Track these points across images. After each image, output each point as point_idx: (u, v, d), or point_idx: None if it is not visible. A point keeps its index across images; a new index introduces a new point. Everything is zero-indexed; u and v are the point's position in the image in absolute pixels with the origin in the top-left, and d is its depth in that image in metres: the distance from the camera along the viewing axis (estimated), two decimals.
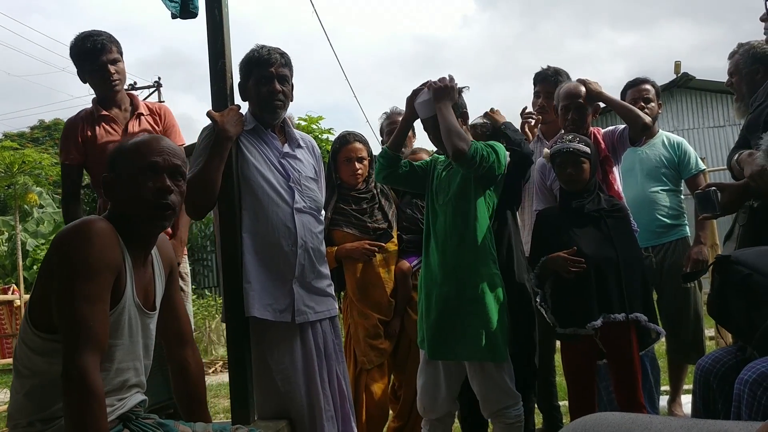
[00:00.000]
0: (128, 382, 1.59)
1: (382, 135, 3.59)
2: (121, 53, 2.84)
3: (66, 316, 1.42)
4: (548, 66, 3.35)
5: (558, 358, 3.71)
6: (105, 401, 1.41)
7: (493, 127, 2.73)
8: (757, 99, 2.32)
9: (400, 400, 3.06)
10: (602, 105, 3.03)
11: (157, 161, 1.60)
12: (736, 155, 2.17)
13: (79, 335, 1.39)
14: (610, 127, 3.10)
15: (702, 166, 3.58)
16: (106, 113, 2.85)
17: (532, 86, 3.42)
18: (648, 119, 2.83)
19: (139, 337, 1.61)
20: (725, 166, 2.53)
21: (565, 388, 4.46)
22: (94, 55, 2.75)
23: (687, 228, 3.51)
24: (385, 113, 3.56)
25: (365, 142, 3.15)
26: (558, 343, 2.75)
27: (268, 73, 2.37)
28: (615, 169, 2.99)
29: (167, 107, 3.06)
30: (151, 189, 1.58)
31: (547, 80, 3.30)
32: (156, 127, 2.92)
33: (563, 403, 4.04)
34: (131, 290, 1.57)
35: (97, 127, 2.83)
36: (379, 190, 3.12)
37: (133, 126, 2.87)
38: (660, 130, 3.64)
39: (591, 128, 3.08)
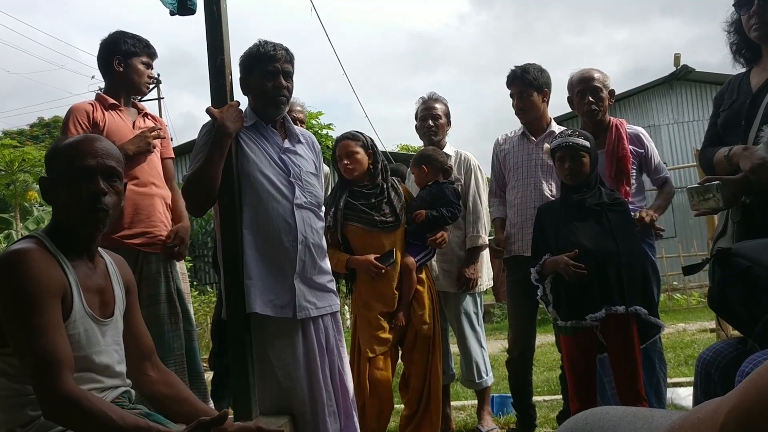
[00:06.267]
0: (104, 386, 1.57)
1: (416, 119, 3.69)
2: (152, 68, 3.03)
3: (24, 352, 1.40)
4: (515, 66, 3.34)
5: (537, 354, 3.74)
6: (97, 399, 1.41)
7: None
8: (725, 96, 2.31)
9: (410, 389, 3.12)
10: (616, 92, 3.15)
11: (90, 164, 1.56)
12: (725, 150, 2.15)
13: (44, 365, 1.37)
14: (637, 130, 3.14)
15: None
16: (116, 103, 2.90)
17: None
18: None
19: (101, 346, 1.58)
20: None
21: (542, 383, 4.51)
22: (143, 54, 2.90)
23: None
24: (421, 98, 3.67)
25: (357, 138, 3.12)
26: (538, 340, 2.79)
27: (274, 68, 2.38)
28: (633, 171, 3.03)
29: (163, 121, 3.20)
30: (85, 192, 1.55)
31: (516, 80, 3.30)
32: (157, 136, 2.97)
33: (542, 398, 4.06)
34: (80, 303, 1.54)
35: (108, 113, 2.85)
36: (389, 185, 3.11)
37: (140, 123, 2.93)
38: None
39: (612, 118, 3.09)
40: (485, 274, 3.63)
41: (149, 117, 3.03)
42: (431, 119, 3.57)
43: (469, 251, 3.48)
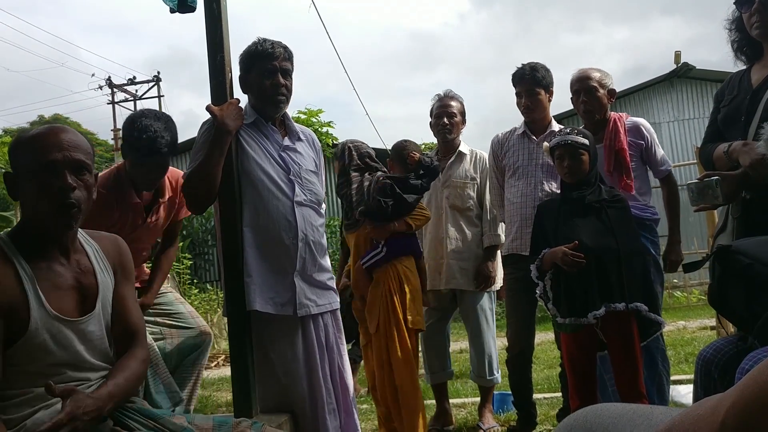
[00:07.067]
0: (89, 386, 1.52)
1: (431, 116, 3.68)
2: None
3: None
4: (523, 64, 3.33)
5: (537, 351, 3.74)
6: None
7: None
8: (726, 92, 2.32)
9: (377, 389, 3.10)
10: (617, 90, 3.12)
11: (56, 158, 1.49)
12: (725, 146, 2.16)
13: None
14: (636, 122, 3.10)
15: None
16: (138, 202, 2.63)
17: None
18: None
19: (77, 346, 1.52)
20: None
21: (542, 381, 4.52)
22: (156, 159, 2.49)
23: None
24: (437, 95, 3.67)
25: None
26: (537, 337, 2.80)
27: (272, 66, 2.38)
28: (634, 164, 3.00)
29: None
30: (53, 188, 1.48)
31: (524, 79, 3.29)
32: (169, 213, 2.80)
33: (542, 396, 4.07)
34: (42, 310, 1.46)
35: (123, 212, 2.60)
36: (350, 185, 3.08)
37: (152, 219, 2.70)
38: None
39: (612, 113, 3.08)
40: (499, 272, 3.63)
41: (163, 204, 2.73)
42: (446, 117, 3.55)
43: (486, 249, 3.48)
